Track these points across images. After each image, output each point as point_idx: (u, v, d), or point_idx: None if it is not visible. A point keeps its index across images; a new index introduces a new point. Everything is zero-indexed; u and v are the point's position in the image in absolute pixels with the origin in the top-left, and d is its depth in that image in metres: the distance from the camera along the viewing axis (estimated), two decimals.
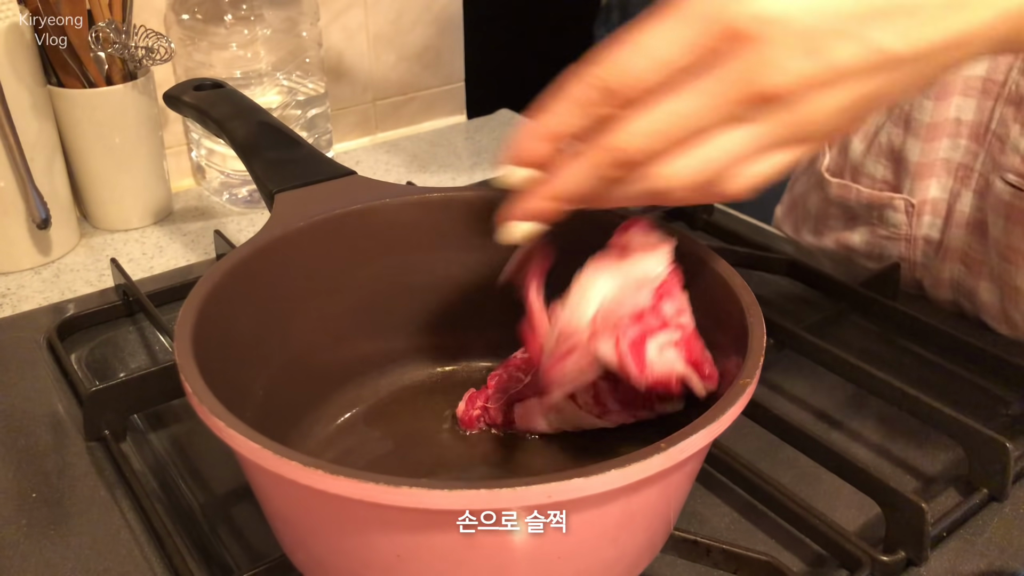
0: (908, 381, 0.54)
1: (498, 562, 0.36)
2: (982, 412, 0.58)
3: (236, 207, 0.87)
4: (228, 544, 0.48)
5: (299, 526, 0.39)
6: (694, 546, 0.45)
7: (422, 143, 1.04)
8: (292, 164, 0.55)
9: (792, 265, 0.71)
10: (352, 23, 0.97)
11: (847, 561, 0.45)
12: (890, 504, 0.47)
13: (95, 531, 0.48)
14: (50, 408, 0.58)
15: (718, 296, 0.45)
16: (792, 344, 0.61)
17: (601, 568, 0.38)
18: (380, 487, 0.32)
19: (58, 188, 0.77)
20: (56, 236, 0.77)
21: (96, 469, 0.53)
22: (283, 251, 0.49)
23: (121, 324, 0.68)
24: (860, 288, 0.66)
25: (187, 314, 0.41)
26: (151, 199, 0.83)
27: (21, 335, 0.66)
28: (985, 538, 0.48)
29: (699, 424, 0.35)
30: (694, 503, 0.50)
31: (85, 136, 0.78)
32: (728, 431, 0.36)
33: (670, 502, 0.40)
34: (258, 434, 0.34)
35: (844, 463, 0.49)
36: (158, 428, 0.57)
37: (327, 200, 0.52)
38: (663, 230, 0.46)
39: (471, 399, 0.52)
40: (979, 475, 0.50)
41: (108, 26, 0.73)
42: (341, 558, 0.38)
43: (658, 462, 0.34)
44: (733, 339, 0.42)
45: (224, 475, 0.52)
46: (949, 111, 0.66)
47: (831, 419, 0.58)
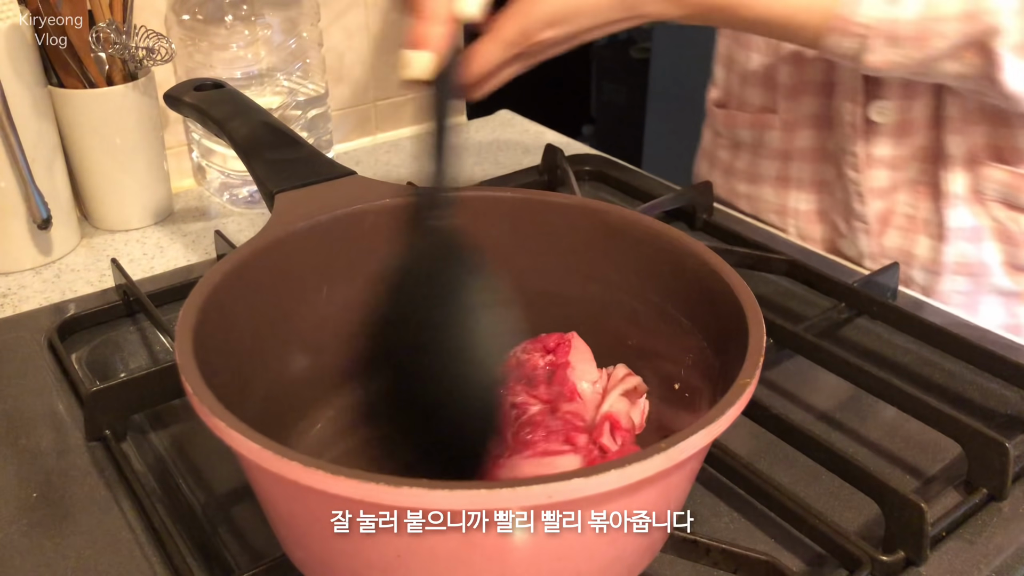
0: (908, 381, 0.54)
1: (498, 562, 0.36)
2: (982, 412, 0.58)
3: (236, 207, 0.87)
4: (228, 544, 0.48)
5: (299, 526, 0.39)
6: (694, 546, 0.45)
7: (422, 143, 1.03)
8: (292, 164, 0.55)
9: (792, 265, 0.71)
10: (353, 23, 0.97)
11: (847, 561, 0.46)
12: (890, 504, 0.47)
13: (95, 531, 0.48)
14: (51, 408, 0.58)
15: (718, 296, 0.45)
16: (792, 344, 0.61)
17: (601, 568, 0.39)
18: (381, 487, 0.32)
19: (59, 188, 0.77)
20: (57, 236, 0.77)
21: (96, 469, 0.53)
22: (283, 251, 0.49)
23: (122, 324, 0.68)
24: (860, 288, 0.66)
25: (187, 315, 0.41)
26: (152, 199, 0.83)
27: (22, 335, 0.66)
28: (985, 538, 0.48)
29: (699, 424, 0.35)
30: (694, 503, 0.50)
31: (86, 136, 0.78)
32: (728, 431, 0.36)
33: (670, 502, 0.40)
34: (258, 434, 0.34)
35: (844, 463, 0.49)
36: (158, 428, 0.57)
37: (327, 200, 0.52)
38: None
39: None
40: (979, 475, 0.51)
41: (109, 26, 0.73)
42: (341, 558, 0.38)
43: (658, 462, 0.34)
44: (733, 339, 0.42)
45: (224, 475, 0.52)
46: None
47: (831, 419, 0.58)
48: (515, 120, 1.10)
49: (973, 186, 0.72)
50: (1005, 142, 0.70)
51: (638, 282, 0.51)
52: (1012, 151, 0.70)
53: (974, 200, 0.72)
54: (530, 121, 1.09)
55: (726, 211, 0.84)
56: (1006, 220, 0.72)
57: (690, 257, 0.47)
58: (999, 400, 0.59)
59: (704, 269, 0.46)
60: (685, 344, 0.48)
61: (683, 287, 0.48)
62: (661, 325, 0.50)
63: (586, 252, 0.53)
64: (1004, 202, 0.71)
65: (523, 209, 0.54)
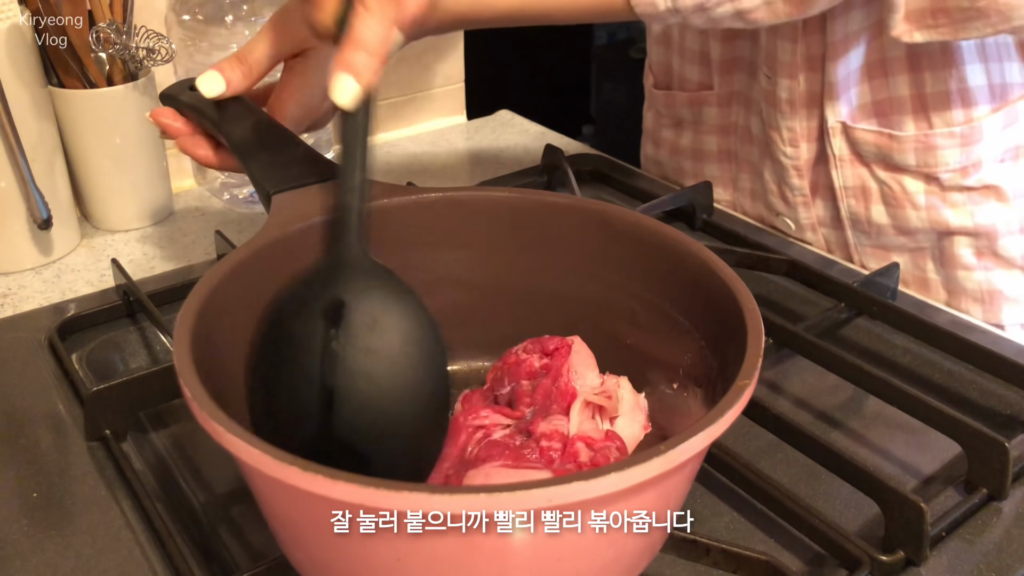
0: (908, 381, 0.54)
1: (499, 565, 0.36)
2: (982, 412, 0.58)
3: (237, 207, 0.87)
4: (228, 544, 0.48)
5: (299, 529, 0.39)
6: (693, 546, 0.45)
7: (422, 143, 1.04)
8: (289, 165, 0.55)
9: (792, 265, 0.71)
10: None
11: (847, 561, 0.46)
12: (890, 504, 0.47)
13: (96, 531, 0.49)
14: (51, 408, 0.58)
15: (718, 296, 0.45)
16: (792, 344, 0.61)
17: (600, 569, 0.39)
18: (381, 492, 0.32)
19: (59, 188, 0.77)
20: (57, 236, 0.77)
21: (97, 469, 0.53)
22: (281, 253, 0.49)
23: (122, 324, 0.68)
24: (860, 288, 0.66)
25: (185, 318, 0.41)
26: (152, 199, 0.83)
27: (22, 335, 0.66)
28: (985, 538, 0.48)
29: (699, 426, 0.35)
30: (694, 503, 0.50)
31: (86, 136, 0.78)
32: (728, 431, 0.36)
33: (670, 502, 0.40)
34: (257, 439, 0.34)
35: (844, 463, 0.49)
36: (159, 428, 0.57)
37: (325, 201, 0.52)
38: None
39: (466, 400, 0.52)
40: (978, 475, 0.51)
41: (109, 27, 0.73)
42: (341, 561, 0.38)
43: (658, 465, 0.34)
44: (732, 340, 0.42)
45: (224, 475, 0.52)
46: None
47: (831, 419, 0.58)
48: (515, 120, 1.10)
49: (852, 148, 0.73)
50: (882, 94, 0.71)
51: (637, 282, 0.51)
52: (890, 103, 0.71)
53: (857, 162, 0.74)
54: (530, 121, 1.09)
55: (726, 211, 0.84)
56: (888, 180, 0.73)
57: (689, 257, 0.47)
58: (999, 400, 0.59)
59: (703, 269, 0.46)
60: (684, 344, 0.48)
61: (682, 287, 0.48)
62: (660, 325, 0.50)
63: (586, 252, 0.53)
64: (882, 163, 0.73)
65: (523, 209, 0.54)
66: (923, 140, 0.70)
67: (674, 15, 0.62)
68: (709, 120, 0.84)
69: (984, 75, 0.69)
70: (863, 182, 0.74)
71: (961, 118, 0.70)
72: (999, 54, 0.69)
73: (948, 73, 0.69)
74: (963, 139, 0.70)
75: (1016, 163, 0.72)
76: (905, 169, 0.72)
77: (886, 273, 0.69)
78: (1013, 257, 0.73)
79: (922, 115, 0.70)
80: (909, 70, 0.70)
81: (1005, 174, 0.71)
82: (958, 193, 0.71)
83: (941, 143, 0.70)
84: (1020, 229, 0.73)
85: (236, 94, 0.59)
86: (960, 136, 0.69)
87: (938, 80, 0.69)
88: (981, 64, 0.69)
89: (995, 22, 0.59)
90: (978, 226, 0.72)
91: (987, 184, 0.71)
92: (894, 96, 0.71)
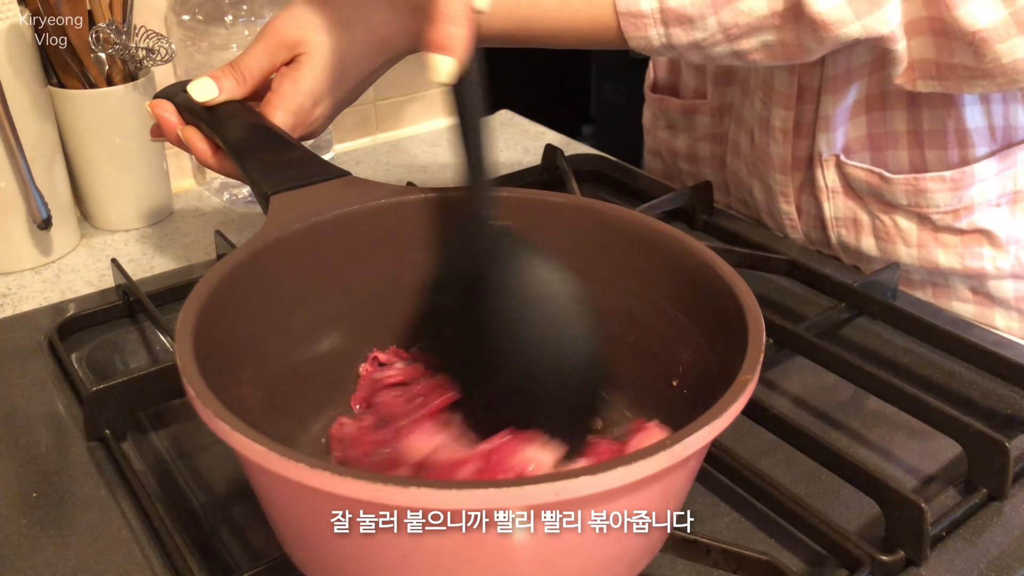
0: (908, 381, 0.54)
1: (504, 561, 0.36)
2: (982, 412, 0.58)
3: (237, 207, 0.87)
4: (228, 544, 0.48)
5: (303, 527, 0.39)
6: (694, 545, 0.45)
7: (422, 143, 1.04)
8: (287, 166, 0.55)
9: (792, 265, 0.71)
10: None
11: (847, 561, 0.46)
12: (890, 504, 0.47)
13: (95, 531, 0.48)
14: (51, 408, 0.58)
15: (717, 293, 0.45)
16: (792, 344, 0.61)
17: (605, 564, 0.39)
18: (388, 488, 0.32)
19: (59, 188, 0.77)
20: (57, 236, 0.77)
21: (96, 469, 0.53)
22: (280, 253, 0.49)
23: (122, 324, 0.68)
24: (860, 288, 0.66)
25: (187, 318, 0.41)
26: (152, 199, 0.83)
27: (22, 335, 0.66)
28: (985, 538, 0.48)
29: (703, 420, 0.35)
30: (694, 503, 0.50)
31: (86, 136, 0.78)
32: (728, 431, 0.36)
33: (670, 501, 0.40)
34: (263, 436, 0.34)
35: (844, 463, 0.49)
36: (159, 428, 0.57)
37: (322, 201, 0.52)
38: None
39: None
40: (979, 475, 0.50)
41: (108, 27, 0.73)
42: (346, 559, 0.38)
43: (663, 459, 0.34)
44: (733, 337, 0.42)
45: (224, 475, 0.52)
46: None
47: (831, 419, 0.58)
48: (515, 120, 1.10)
49: (844, 181, 0.73)
50: (878, 128, 0.71)
51: (638, 282, 0.51)
52: (884, 137, 0.70)
53: (849, 195, 0.74)
54: (530, 121, 1.09)
55: (726, 211, 0.84)
56: (880, 215, 0.73)
57: (690, 257, 0.47)
58: (999, 400, 0.59)
59: (704, 269, 0.46)
60: (684, 342, 0.48)
61: (683, 287, 0.48)
62: (660, 324, 0.50)
63: (586, 252, 0.53)
64: (875, 199, 0.73)
65: (523, 209, 0.53)
66: (913, 183, 0.69)
67: (669, 50, 0.61)
68: (701, 127, 0.85)
69: (984, 117, 0.68)
70: (855, 214, 0.74)
71: (956, 158, 0.69)
72: (1003, 96, 0.68)
73: (947, 112, 0.68)
74: (953, 183, 0.69)
75: (1013, 208, 0.71)
76: (897, 207, 0.71)
77: (886, 273, 0.69)
78: (1007, 298, 0.72)
79: (917, 151, 0.69)
80: (907, 106, 0.69)
81: (999, 219, 0.70)
82: (950, 235, 0.71)
83: (931, 187, 0.69)
84: (1012, 274, 0.72)
85: (229, 100, 0.60)
86: (950, 180, 0.69)
87: (936, 118, 0.68)
88: (982, 106, 0.68)
89: (1001, 83, 0.58)
90: (967, 268, 0.71)
91: (979, 228, 0.70)
92: (889, 131, 0.70)
